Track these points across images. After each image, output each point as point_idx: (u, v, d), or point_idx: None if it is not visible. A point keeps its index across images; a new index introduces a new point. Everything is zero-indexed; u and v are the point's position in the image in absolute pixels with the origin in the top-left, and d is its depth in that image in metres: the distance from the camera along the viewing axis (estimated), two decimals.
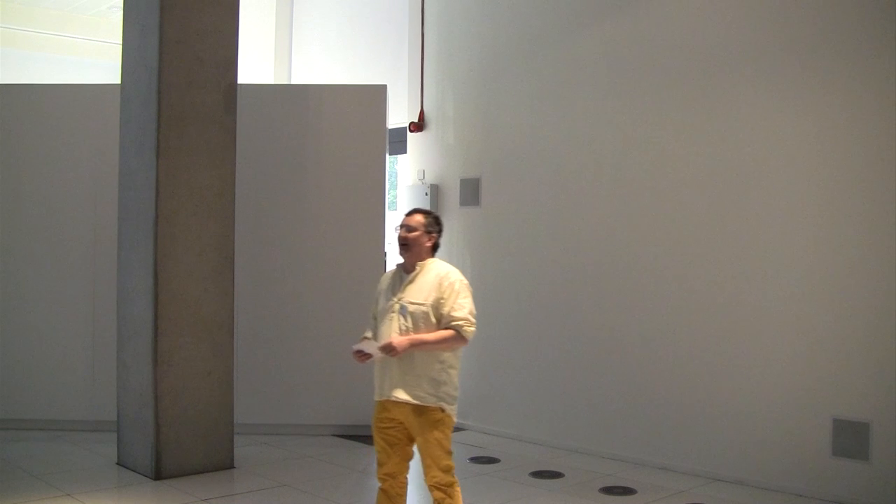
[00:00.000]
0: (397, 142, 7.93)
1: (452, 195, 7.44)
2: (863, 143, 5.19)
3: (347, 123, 7.07)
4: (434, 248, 4.12)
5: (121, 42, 6.04)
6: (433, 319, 3.90)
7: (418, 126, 7.74)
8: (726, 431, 5.70)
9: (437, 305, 3.90)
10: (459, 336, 3.88)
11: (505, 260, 6.98)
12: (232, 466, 5.89)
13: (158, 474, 5.55)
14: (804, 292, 5.39)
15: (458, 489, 3.95)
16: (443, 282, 3.92)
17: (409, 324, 3.91)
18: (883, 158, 5.09)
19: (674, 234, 6.02)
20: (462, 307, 3.89)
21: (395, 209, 8.18)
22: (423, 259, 4.05)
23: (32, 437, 6.65)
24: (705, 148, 5.88)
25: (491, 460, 6.20)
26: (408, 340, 3.84)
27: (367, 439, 6.84)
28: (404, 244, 4.05)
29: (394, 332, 3.93)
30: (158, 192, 5.57)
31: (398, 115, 7.83)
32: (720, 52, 5.82)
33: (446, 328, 3.88)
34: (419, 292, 3.94)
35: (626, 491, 5.49)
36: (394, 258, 7.71)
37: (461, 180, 7.40)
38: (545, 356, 6.76)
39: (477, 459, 6.17)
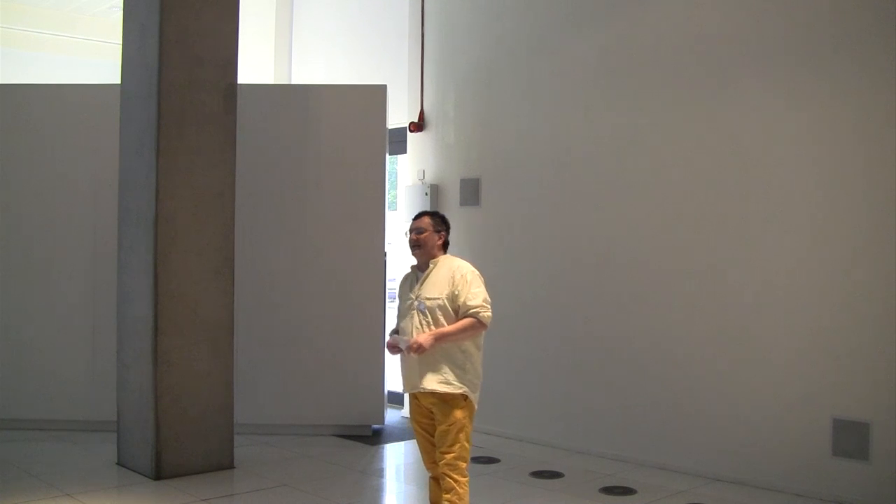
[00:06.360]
0: (397, 142, 7.93)
1: (452, 195, 7.44)
2: (862, 144, 5.19)
3: (347, 123, 7.07)
4: (444, 246, 4.33)
5: (121, 42, 6.04)
6: (450, 311, 4.11)
7: (418, 126, 7.74)
8: (726, 431, 5.70)
9: (452, 298, 4.11)
10: (479, 322, 4.09)
11: (505, 260, 6.98)
12: (232, 466, 5.89)
13: (158, 474, 5.55)
14: (804, 292, 5.39)
15: (467, 482, 4.13)
16: (455, 275, 4.14)
17: (429, 318, 4.12)
18: (883, 159, 5.09)
19: (674, 233, 6.02)
20: (476, 296, 4.11)
21: (395, 209, 8.18)
22: (434, 257, 4.27)
23: (32, 437, 6.65)
24: (705, 148, 5.88)
25: (491, 460, 6.20)
26: (432, 336, 4.05)
27: (367, 439, 6.86)
28: (416, 245, 4.26)
29: (415, 327, 4.13)
30: (158, 192, 5.57)
31: (398, 115, 7.82)
32: (720, 52, 5.82)
33: (465, 317, 4.08)
34: (434, 287, 4.16)
35: (626, 491, 5.49)
36: (394, 258, 7.75)
37: (461, 180, 7.40)
38: (545, 356, 6.76)
39: (477, 459, 6.16)
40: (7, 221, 6.98)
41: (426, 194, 7.56)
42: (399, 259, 7.93)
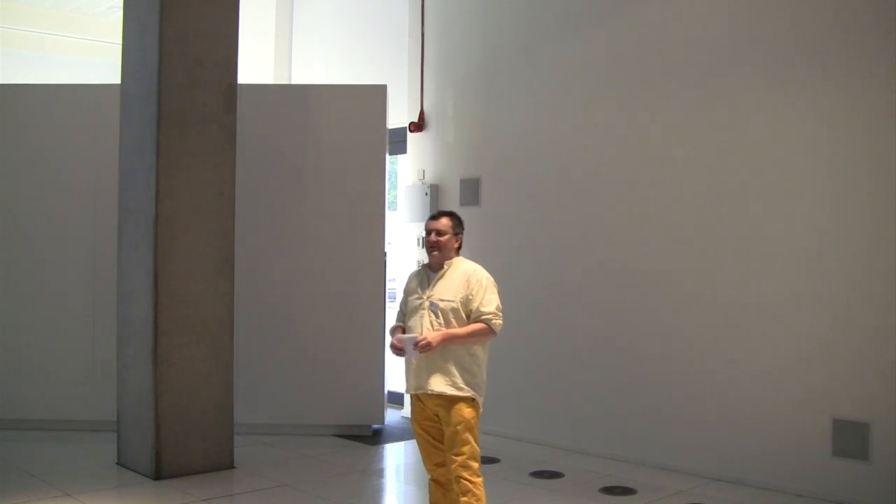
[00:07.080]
0: (397, 142, 7.93)
1: (452, 195, 7.44)
2: (867, 144, 5.18)
3: (347, 123, 7.07)
4: (459, 248, 4.33)
5: (121, 42, 6.05)
6: (462, 315, 4.11)
7: (418, 126, 7.74)
8: (726, 431, 5.69)
9: (465, 301, 4.12)
10: (489, 329, 4.11)
11: (504, 260, 6.97)
12: (232, 466, 5.89)
13: (158, 474, 5.55)
14: (805, 293, 5.39)
15: (482, 482, 4.11)
16: (471, 279, 4.15)
17: (441, 319, 4.11)
18: (886, 160, 5.08)
19: (674, 233, 6.02)
20: (490, 302, 4.12)
21: (395, 209, 8.18)
22: (450, 258, 4.25)
23: (32, 437, 6.65)
24: (706, 148, 5.88)
25: (491, 460, 6.19)
26: (441, 335, 4.04)
27: (366, 439, 6.86)
28: (436, 247, 4.24)
29: (425, 327, 4.11)
30: (158, 192, 5.57)
31: (398, 115, 7.82)
32: (723, 52, 5.82)
33: (476, 322, 4.10)
34: (448, 289, 4.15)
35: (626, 491, 5.49)
36: (394, 258, 7.75)
37: (461, 180, 7.40)
38: (545, 356, 6.76)
39: None
40: (7, 221, 6.98)
41: (426, 194, 7.56)
42: (399, 259, 7.94)
